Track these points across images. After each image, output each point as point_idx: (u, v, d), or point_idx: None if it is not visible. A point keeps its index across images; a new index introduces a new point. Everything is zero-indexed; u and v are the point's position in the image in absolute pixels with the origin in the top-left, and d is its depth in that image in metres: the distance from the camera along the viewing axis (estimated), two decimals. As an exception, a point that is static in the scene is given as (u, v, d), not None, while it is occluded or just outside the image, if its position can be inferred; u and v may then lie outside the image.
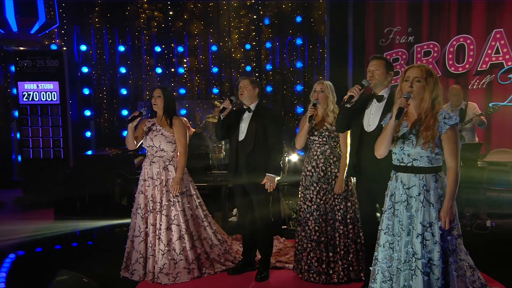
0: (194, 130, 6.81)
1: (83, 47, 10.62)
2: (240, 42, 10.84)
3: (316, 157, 4.25)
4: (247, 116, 4.38)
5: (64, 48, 10.39)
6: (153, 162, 4.40)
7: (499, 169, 6.66)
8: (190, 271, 4.35)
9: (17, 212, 7.57)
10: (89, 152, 9.50)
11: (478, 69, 8.20)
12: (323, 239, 4.19)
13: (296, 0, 10.30)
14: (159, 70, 10.99)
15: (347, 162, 4.13)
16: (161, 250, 4.30)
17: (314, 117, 4.18)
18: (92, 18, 10.81)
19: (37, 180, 7.68)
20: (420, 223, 2.93)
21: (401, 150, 3.04)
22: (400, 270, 3.02)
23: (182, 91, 11.01)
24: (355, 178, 4.03)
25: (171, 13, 10.96)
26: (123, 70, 10.89)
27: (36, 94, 7.74)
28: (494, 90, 8.16)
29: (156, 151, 4.41)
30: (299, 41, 10.34)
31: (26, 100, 7.79)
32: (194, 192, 4.58)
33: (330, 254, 4.18)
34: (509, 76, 8.04)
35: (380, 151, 3.11)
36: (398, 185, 3.08)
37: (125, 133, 10.57)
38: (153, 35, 11.01)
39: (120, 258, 4.57)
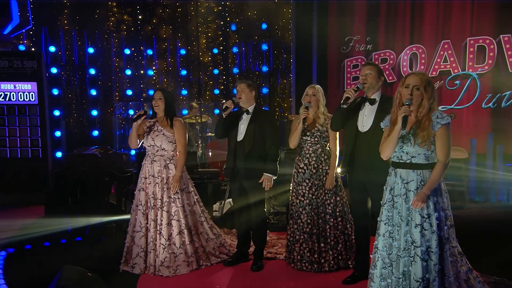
0: None
1: (52, 48, 10.26)
2: (207, 47, 10.84)
3: (308, 155, 4.36)
4: (245, 118, 4.43)
5: (33, 49, 10.05)
6: (154, 160, 4.37)
7: (452, 165, 7.05)
8: (189, 263, 4.36)
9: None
10: (59, 153, 9.23)
11: (429, 75, 8.61)
12: (315, 231, 4.31)
13: (261, 0, 10.40)
14: (128, 72, 10.80)
15: (337, 160, 4.32)
16: (162, 244, 4.29)
17: (306, 119, 4.31)
18: (61, 20, 10.48)
19: (15, 179, 7.37)
20: (419, 214, 3.09)
21: (401, 148, 3.19)
22: (400, 257, 3.17)
23: (151, 92, 10.83)
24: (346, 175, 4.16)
25: (140, 17, 10.81)
26: (92, 71, 10.61)
27: (13, 94, 7.42)
28: (443, 94, 8.60)
29: (157, 150, 4.38)
30: (264, 47, 10.45)
31: (3, 100, 7.46)
32: (192, 189, 4.59)
33: (322, 244, 4.30)
34: (455, 82, 8.50)
35: (386, 153, 3.23)
36: (397, 180, 3.23)
37: (95, 132, 10.54)
38: (123, 38, 10.79)
39: (115, 254, 4.53)
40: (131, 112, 10.80)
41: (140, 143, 4.45)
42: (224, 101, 4.45)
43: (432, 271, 3.07)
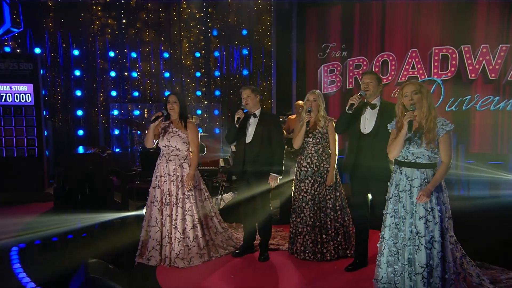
0: None
1: (37, 50, 10.01)
2: (190, 50, 10.82)
3: (310, 155, 4.54)
4: (253, 121, 4.53)
5: (18, 51, 9.79)
6: (170, 160, 4.45)
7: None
8: (201, 255, 4.47)
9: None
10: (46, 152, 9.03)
11: (398, 80, 8.98)
12: (317, 223, 4.50)
13: (242, 0, 10.49)
14: (113, 74, 10.67)
15: (336, 159, 4.54)
16: (177, 238, 4.38)
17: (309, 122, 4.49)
18: (46, 22, 10.25)
19: (11, 177, 7.19)
20: (423, 207, 3.32)
21: (407, 149, 3.41)
22: (405, 245, 3.39)
23: (136, 93, 10.79)
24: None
25: (124, 21, 10.67)
26: (77, 72, 10.44)
27: (9, 95, 7.24)
28: (411, 98, 8.98)
29: (172, 151, 4.45)
30: (245, 51, 10.57)
31: (-1, 101, 7.30)
32: (203, 187, 4.69)
33: (324, 236, 4.50)
34: (421, 86, 8.89)
35: (393, 154, 3.44)
36: (402, 177, 3.45)
37: (80, 132, 10.35)
38: (107, 40, 10.65)
39: (125, 248, 4.65)
40: (116, 112, 10.70)
41: (156, 143, 4.51)
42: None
43: (435, 258, 3.31)
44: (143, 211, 5.69)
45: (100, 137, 10.48)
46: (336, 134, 4.54)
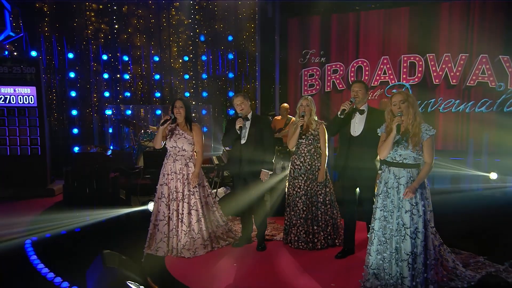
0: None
1: (34, 53, 9.84)
2: (178, 54, 10.83)
3: (303, 154, 4.68)
4: (246, 124, 4.60)
5: (15, 53, 9.59)
6: (176, 160, 4.52)
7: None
8: (205, 246, 4.57)
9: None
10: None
11: (372, 85, 9.25)
12: (309, 216, 4.65)
13: (228, 0, 10.61)
14: (106, 76, 10.58)
15: (326, 158, 4.69)
16: (184, 231, 4.47)
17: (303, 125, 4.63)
18: (41, 27, 10.08)
19: (15, 174, 7.09)
20: (409, 202, 3.52)
21: (395, 151, 3.59)
22: (393, 236, 3.58)
23: (127, 94, 10.72)
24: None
25: (116, 26, 10.60)
26: (72, 74, 10.30)
27: (13, 97, 7.10)
28: (383, 101, 9.27)
29: (179, 151, 4.52)
30: (230, 56, 10.64)
31: (3, 102, 7.12)
32: (206, 184, 4.77)
33: (315, 227, 4.66)
34: (393, 90, 9.14)
35: (383, 154, 3.61)
36: (391, 175, 3.62)
37: (75, 130, 10.22)
38: (100, 45, 10.55)
39: (132, 240, 4.71)
40: (109, 112, 10.62)
41: (163, 144, 4.57)
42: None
43: (419, 246, 3.50)
44: (147, 207, 5.77)
45: (95, 136, 10.40)
46: (327, 136, 4.69)
